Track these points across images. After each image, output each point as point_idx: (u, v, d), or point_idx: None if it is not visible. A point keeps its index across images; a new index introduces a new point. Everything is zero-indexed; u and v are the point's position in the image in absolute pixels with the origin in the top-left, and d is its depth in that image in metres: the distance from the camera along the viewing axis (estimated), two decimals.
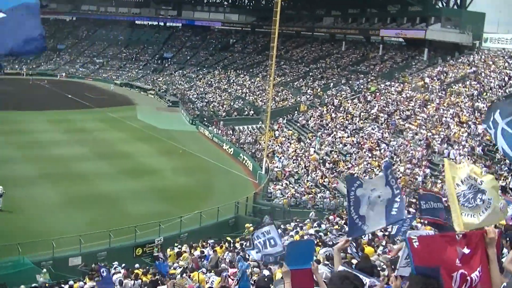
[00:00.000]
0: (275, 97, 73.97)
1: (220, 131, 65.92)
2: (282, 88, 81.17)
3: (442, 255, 5.27)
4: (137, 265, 25.71)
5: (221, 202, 37.77)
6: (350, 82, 73.71)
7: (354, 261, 10.70)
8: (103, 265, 24.02)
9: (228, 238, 28.92)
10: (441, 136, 43.38)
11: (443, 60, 67.46)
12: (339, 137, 53.11)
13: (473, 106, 47.21)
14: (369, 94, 63.31)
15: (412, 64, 72.83)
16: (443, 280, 5.12)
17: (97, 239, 30.19)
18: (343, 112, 60.43)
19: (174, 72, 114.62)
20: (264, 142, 52.28)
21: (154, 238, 31.24)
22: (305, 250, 7.21)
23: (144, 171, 48.47)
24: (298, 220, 31.01)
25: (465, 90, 52.64)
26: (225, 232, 32.96)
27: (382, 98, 60.01)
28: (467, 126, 43.40)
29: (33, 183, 42.27)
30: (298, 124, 63.20)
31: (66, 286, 23.04)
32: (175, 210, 36.61)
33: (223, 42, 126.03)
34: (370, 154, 46.28)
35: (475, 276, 5.24)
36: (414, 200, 31.02)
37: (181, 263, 23.74)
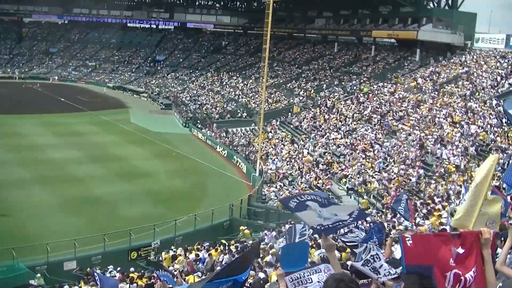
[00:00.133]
0: (268, 99, 74.06)
1: (214, 134, 65.88)
2: (275, 90, 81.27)
3: (436, 254, 5.30)
4: (132, 269, 25.70)
5: (216, 205, 37.70)
6: (343, 83, 73.86)
7: (349, 263, 10.71)
8: (97, 269, 24.02)
9: (223, 241, 28.91)
10: (434, 137, 43.47)
11: (435, 61, 67.64)
12: (333, 139, 53.13)
13: (466, 106, 47.31)
14: (362, 95, 63.40)
15: (405, 65, 73.00)
16: (436, 280, 5.15)
17: (92, 243, 30.11)
18: (336, 114, 60.48)
19: (167, 75, 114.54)
20: (258, 144, 52.26)
21: (149, 242, 31.21)
22: (300, 252, 7.22)
23: (138, 174, 48.40)
24: (293, 222, 30.97)
25: (458, 90, 52.76)
26: (220, 235, 32.95)
27: (375, 99, 60.10)
28: (460, 126, 43.49)
29: (27, 187, 42.17)
30: (292, 126, 63.21)
31: None
32: (170, 213, 36.56)
33: (216, 44, 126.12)
34: (364, 155, 46.32)
35: (470, 277, 5.26)
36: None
37: (176, 267, 23.71)
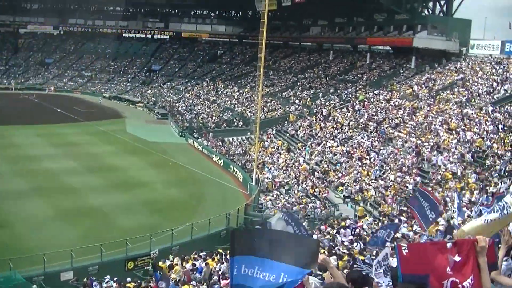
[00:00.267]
0: (264, 108, 74.06)
1: (210, 143, 65.86)
2: (271, 99, 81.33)
3: (433, 263, 5.28)
4: (129, 279, 25.60)
5: (212, 214, 37.58)
6: (339, 91, 73.85)
7: (346, 271, 10.67)
8: (94, 279, 23.94)
9: (220, 250, 28.84)
10: (431, 144, 43.48)
11: (431, 68, 67.69)
12: (329, 147, 53.13)
13: (462, 113, 47.34)
14: (358, 103, 63.42)
15: (400, 72, 73.02)
16: None
17: (89, 253, 29.94)
18: (332, 122, 60.51)
19: (163, 85, 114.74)
20: (254, 153, 52.21)
21: (146, 251, 31.09)
22: None
23: (134, 184, 48.29)
24: None
25: (453, 97, 52.83)
26: (217, 244, 32.83)
27: (371, 107, 60.14)
28: (456, 133, 43.51)
29: (23, 197, 42.01)
30: (288, 134, 63.19)
31: None
32: (166, 223, 36.44)
33: (211, 54, 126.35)
34: (360, 163, 46.32)
35: (468, 284, 5.25)
36: (406, 209, 31.07)
37: (173, 276, 23.65)
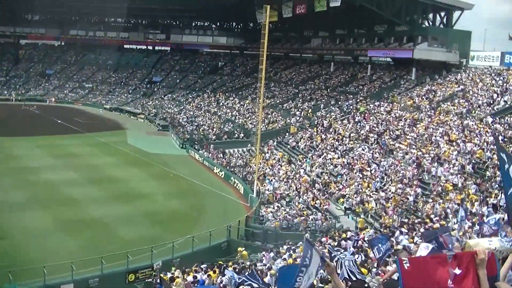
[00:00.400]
0: (265, 119, 74.07)
1: (211, 155, 65.77)
2: (272, 110, 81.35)
3: (434, 276, 5.32)
4: None
5: (213, 226, 37.59)
6: (340, 103, 73.89)
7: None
8: None
9: (221, 262, 28.79)
10: (431, 155, 43.47)
11: (431, 79, 67.82)
12: (330, 158, 53.13)
13: (462, 124, 47.40)
14: (359, 115, 63.49)
15: (401, 84, 73.11)
16: None
17: (89, 265, 29.91)
18: (333, 133, 60.55)
19: (164, 96, 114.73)
20: (255, 165, 52.22)
21: (147, 264, 31.07)
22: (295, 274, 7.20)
23: (135, 196, 48.29)
24: (291, 243, 30.89)
25: (454, 108, 52.92)
26: (218, 256, 32.77)
27: (372, 118, 60.19)
28: (457, 145, 43.52)
29: (24, 209, 42.08)
30: (289, 146, 63.21)
31: None
32: (167, 235, 36.45)
33: (212, 65, 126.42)
34: (361, 175, 46.32)
35: None
36: (407, 220, 31.07)
37: None
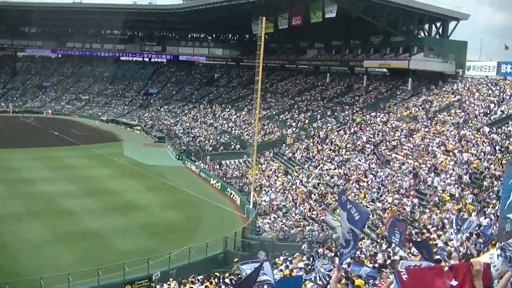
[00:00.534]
0: (261, 131, 74.15)
1: (207, 166, 65.74)
2: (268, 121, 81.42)
3: (432, 287, 5.31)
4: None
5: (210, 237, 37.55)
6: (336, 114, 74.00)
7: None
8: None
9: (217, 274, 28.72)
10: (428, 165, 43.46)
11: (427, 89, 68.01)
12: (326, 169, 53.15)
13: (459, 134, 47.39)
14: (355, 125, 63.56)
15: (397, 94, 73.29)
16: None
17: (86, 277, 29.82)
18: (330, 144, 60.58)
19: (160, 108, 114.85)
20: (251, 176, 52.20)
21: (144, 275, 31.06)
22: (294, 286, 7.18)
23: (132, 207, 48.24)
24: (287, 254, 30.86)
25: (450, 119, 52.96)
26: (214, 267, 32.75)
27: (368, 129, 60.24)
28: (453, 155, 43.50)
29: (20, 220, 42.02)
30: (285, 157, 63.27)
31: None
32: (164, 246, 36.45)
33: (208, 77, 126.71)
34: (358, 186, 46.30)
35: None
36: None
37: None
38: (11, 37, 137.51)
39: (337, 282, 6.60)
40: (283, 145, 67.66)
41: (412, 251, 22.24)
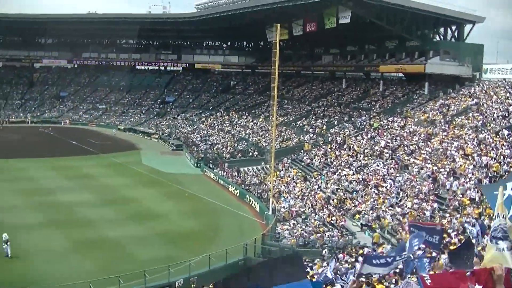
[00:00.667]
0: (279, 137, 74.11)
1: (225, 173, 65.79)
2: (285, 128, 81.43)
3: None
4: None
5: (229, 244, 37.55)
6: (353, 119, 73.85)
7: None
8: None
9: None
10: (447, 170, 43.24)
11: (444, 93, 67.65)
12: (345, 175, 53.06)
13: (477, 138, 47.05)
14: (372, 131, 63.44)
15: (414, 98, 73.02)
16: None
17: (107, 285, 29.81)
18: (347, 150, 60.49)
19: (177, 116, 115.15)
20: (270, 183, 52.21)
21: (165, 282, 31.14)
22: None
23: (151, 216, 48.40)
24: (308, 260, 30.86)
25: (468, 122, 52.61)
26: None
27: (386, 134, 60.10)
28: (472, 158, 43.22)
29: (40, 230, 42.37)
30: (303, 163, 63.24)
31: None
32: (183, 254, 36.42)
33: (224, 84, 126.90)
34: (377, 191, 46.19)
35: None
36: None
37: None
38: (28, 49, 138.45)
39: None
40: (301, 151, 67.63)
41: (434, 256, 22.17)
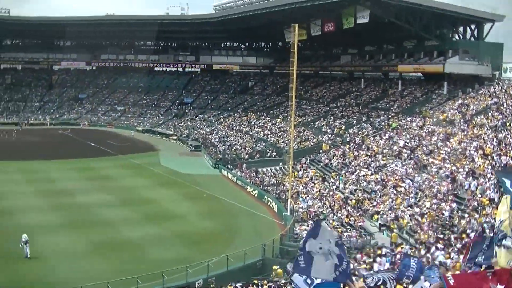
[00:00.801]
0: (297, 138, 74.07)
1: (244, 174, 65.84)
2: (304, 128, 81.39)
3: None
4: None
5: (248, 245, 37.50)
6: (371, 120, 73.65)
7: None
8: None
9: (256, 281, 28.68)
10: (466, 170, 42.92)
11: (463, 93, 67.19)
12: (363, 175, 52.91)
13: (497, 138, 46.61)
14: (391, 131, 63.20)
15: (432, 98, 72.61)
16: None
17: (125, 286, 29.89)
18: (366, 150, 60.30)
19: (195, 117, 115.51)
20: (288, 183, 52.14)
21: (183, 283, 31.15)
22: None
23: (169, 217, 48.57)
24: None
25: (488, 122, 52.16)
26: (253, 275, 32.67)
27: (404, 134, 59.82)
28: (491, 158, 42.88)
29: (59, 231, 42.58)
30: (321, 164, 63.12)
31: None
32: (201, 254, 36.41)
33: (242, 85, 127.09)
34: (395, 191, 45.99)
35: None
36: (442, 236, 30.77)
37: None
38: (47, 51, 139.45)
39: None
40: (319, 152, 67.50)
41: (451, 257, 22.06)
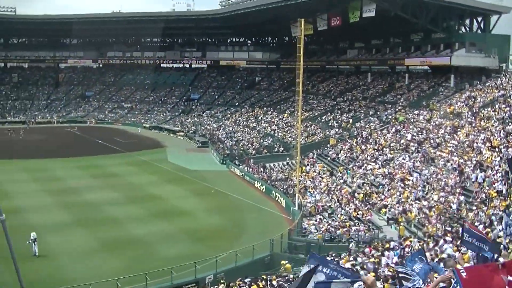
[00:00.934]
0: (304, 132, 74.11)
1: (251, 169, 65.93)
2: (311, 123, 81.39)
3: (491, 284, 5.43)
4: None
5: (256, 240, 37.57)
6: (378, 113, 73.59)
7: None
8: None
9: (264, 276, 28.69)
10: (473, 162, 42.86)
11: (470, 85, 67.11)
12: (370, 169, 52.90)
13: (504, 130, 46.52)
14: (398, 124, 63.11)
15: (439, 91, 72.51)
16: None
17: (134, 283, 29.99)
18: (373, 144, 60.26)
19: (202, 113, 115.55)
20: (296, 178, 52.17)
21: (191, 279, 31.20)
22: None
23: (177, 213, 48.63)
24: (334, 255, 30.77)
25: (495, 114, 52.06)
26: (261, 270, 32.72)
27: (411, 127, 59.74)
28: (499, 151, 42.78)
29: (67, 229, 42.67)
30: (329, 158, 63.13)
31: None
32: (210, 250, 36.50)
33: (249, 81, 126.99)
34: (403, 184, 45.95)
35: None
36: (450, 229, 30.71)
37: None
38: (53, 49, 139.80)
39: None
40: (327, 146, 67.48)
41: (460, 249, 22.00)
